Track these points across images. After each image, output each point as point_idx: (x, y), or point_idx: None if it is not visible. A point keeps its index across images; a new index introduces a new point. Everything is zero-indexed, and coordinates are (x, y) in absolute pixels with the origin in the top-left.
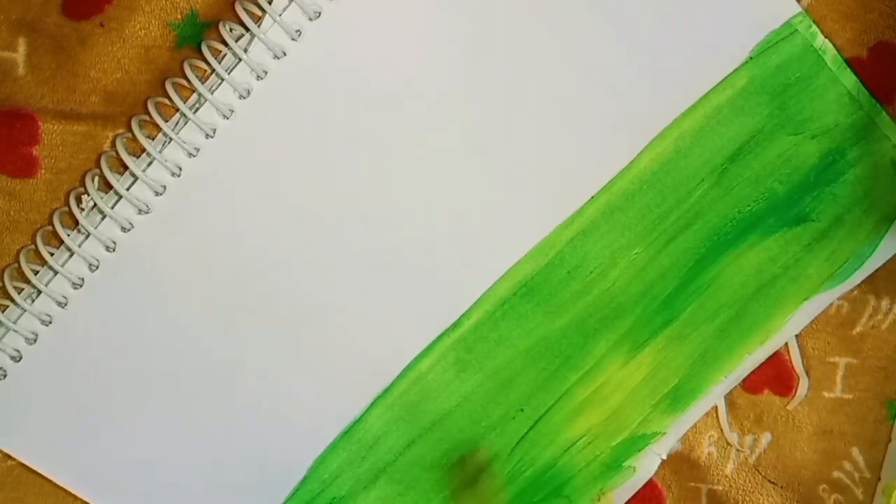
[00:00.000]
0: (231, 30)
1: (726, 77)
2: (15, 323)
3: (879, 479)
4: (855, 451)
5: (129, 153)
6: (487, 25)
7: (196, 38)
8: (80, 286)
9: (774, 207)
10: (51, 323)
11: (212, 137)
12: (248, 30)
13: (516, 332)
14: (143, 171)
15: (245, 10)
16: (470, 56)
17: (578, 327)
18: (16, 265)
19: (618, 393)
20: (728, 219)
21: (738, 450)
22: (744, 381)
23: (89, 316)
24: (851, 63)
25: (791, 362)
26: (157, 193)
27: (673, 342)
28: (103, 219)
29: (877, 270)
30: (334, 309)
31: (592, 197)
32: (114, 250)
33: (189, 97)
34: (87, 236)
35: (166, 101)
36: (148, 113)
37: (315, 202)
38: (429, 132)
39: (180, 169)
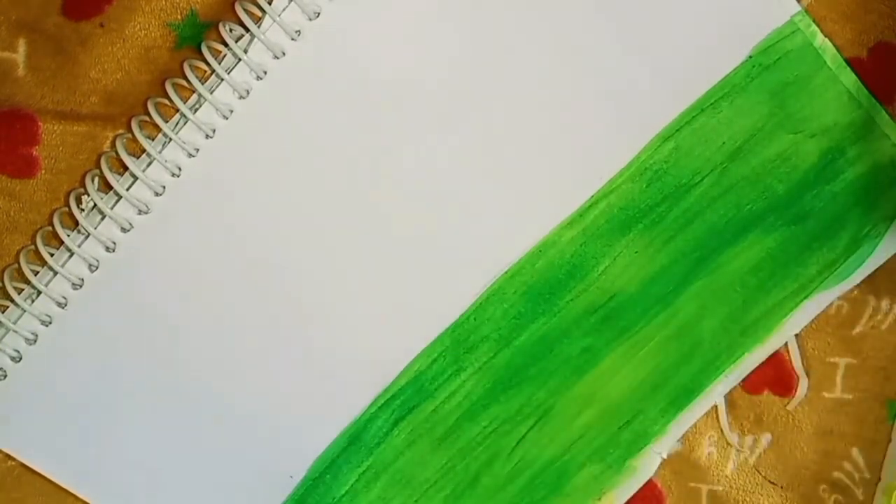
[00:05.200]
0: (231, 30)
1: (726, 76)
2: (15, 323)
3: (879, 479)
4: (855, 452)
5: (129, 153)
6: (487, 24)
7: (196, 38)
8: (80, 286)
9: (774, 206)
10: (51, 323)
11: (211, 138)
12: (247, 30)
13: (516, 331)
14: (143, 171)
15: (245, 10)
16: (470, 54)
17: (578, 326)
18: (16, 265)
19: (618, 392)
20: (727, 217)
21: (738, 450)
22: (744, 381)
23: (89, 316)
24: (851, 63)
25: (791, 362)
26: (156, 194)
27: (672, 341)
28: (103, 219)
29: (877, 270)
30: (334, 308)
31: (592, 196)
32: (114, 251)
33: (189, 97)
34: (87, 237)
35: (166, 101)
36: (148, 113)
37: (315, 202)
38: (428, 131)
39: (180, 169)
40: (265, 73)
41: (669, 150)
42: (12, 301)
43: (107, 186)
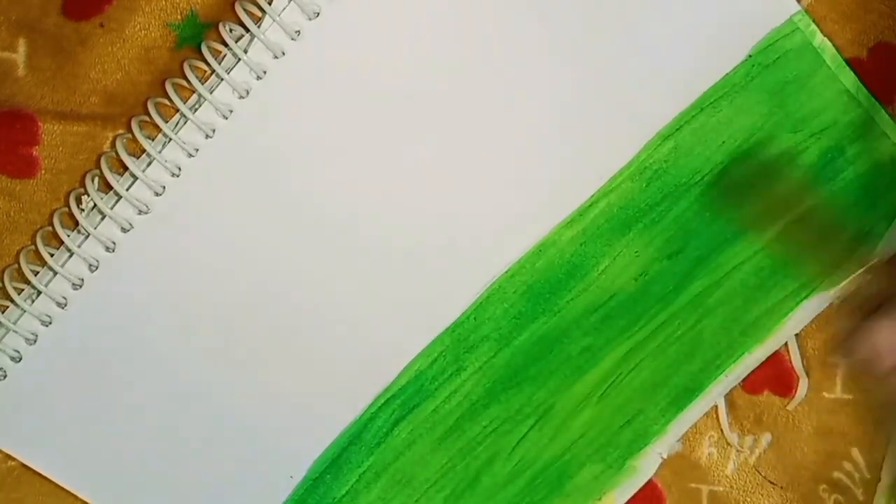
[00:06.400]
0: (231, 30)
1: (726, 75)
2: (15, 323)
3: (879, 479)
4: (855, 452)
5: (129, 153)
6: (487, 24)
7: (196, 38)
8: (80, 286)
9: None
10: (51, 323)
11: (211, 138)
12: (247, 30)
13: (516, 330)
14: (143, 171)
15: (245, 10)
16: (470, 54)
17: (578, 326)
18: (16, 266)
19: (618, 392)
20: (727, 217)
21: (738, 450)
22: (744, 381)
23: (89, 316)
24: (851, 63)
25: (791, 362)
26: (156, 194)
27: (672, 341)
28: (103, 219)
29: None
30: (334, 308)
31: (592, 195)
32: (114, 250)
33: (189, 97)
34: (87, 237)
35: (166, 101)
36: (148, 113)
37: (314, 202)
38: (428, 131)
39: (180, 169)
40: (265, 73)
41: (669, 150)
42: (12, 301)
43: (107, 186)
